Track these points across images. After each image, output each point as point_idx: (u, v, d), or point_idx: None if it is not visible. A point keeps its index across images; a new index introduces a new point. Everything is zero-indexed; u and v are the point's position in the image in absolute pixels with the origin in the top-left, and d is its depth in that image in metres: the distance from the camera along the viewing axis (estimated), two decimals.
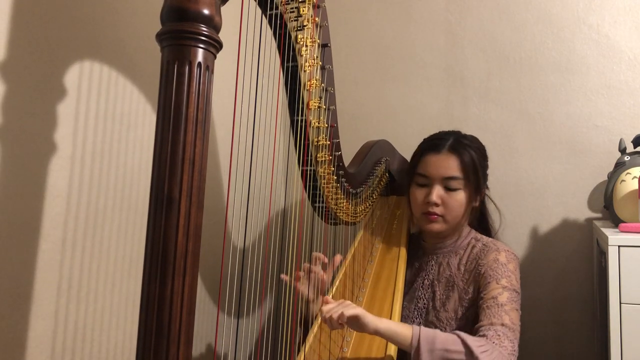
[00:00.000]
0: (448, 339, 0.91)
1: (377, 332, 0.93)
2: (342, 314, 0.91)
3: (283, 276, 1.15)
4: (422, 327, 0.93)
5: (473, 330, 1.00)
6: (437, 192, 1.15)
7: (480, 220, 1.28)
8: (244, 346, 1.54)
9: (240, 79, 0.78)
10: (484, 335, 0.95)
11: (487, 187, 1.26)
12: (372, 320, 0.92)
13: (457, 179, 1.15)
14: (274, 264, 1.44)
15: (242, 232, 1.39)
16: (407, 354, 0.93)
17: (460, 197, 1.15)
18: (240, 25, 0.75)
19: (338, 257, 1.19)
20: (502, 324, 0.96)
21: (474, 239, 1.20)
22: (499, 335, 0.94)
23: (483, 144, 1.24)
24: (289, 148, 1.10)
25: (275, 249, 1.33)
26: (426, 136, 1.26)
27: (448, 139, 1.18)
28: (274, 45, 0.93)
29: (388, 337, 0.94)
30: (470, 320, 1.06)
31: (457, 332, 0.93)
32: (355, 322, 0.93)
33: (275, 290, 1.64)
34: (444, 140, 1.18)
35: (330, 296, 1.12)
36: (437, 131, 1.27)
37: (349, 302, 0.95)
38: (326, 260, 1.16)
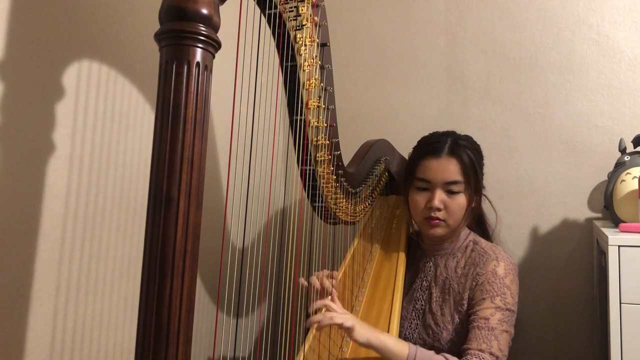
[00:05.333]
0: None
1: (370, 346, 0.93)
2: (332, 318, 0.92)
3: (302, 280, 1.13)
4: (419, 349, 0.95)
5: (461, 350, 1.01)
6: (439, 197, 1.14)
7: (478, 221, 1.28)
8: (243, 346, 1.54)
9: (239, 79, 0.78)
10: None
11: (484, 187, 1.26)
12: (366, 334, 0.93)
13: (459, 182, 1.13)
14: (273, 264, 1.44)
15: (241, 231, 1.39)
16: None
17: (461, 200, 1.14)
18: (239, 24, 0.75)
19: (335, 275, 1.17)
20: (491, 353, 0.97)
21: (472, 242, 1.19)
22: None
23: (482, 143, 1.24)
24: (288, 147, 1.10)
25: (274, 249, 1.33)
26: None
27: (446, 141, 1.16)
28: (273, 44, 0.93)
29: (381, 353, 0.94)
30: (466, 326, 1.07)
31: (449, 358, 0.95)
32: (346, 332, 0.94)
33: (275, 289, 1.64)
34: (442, 143, 1.16)
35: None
36: (435, 131, 1.26)
37: (352, 318, 0.95)
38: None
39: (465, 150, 1.15)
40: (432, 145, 1.18)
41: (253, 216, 1.49)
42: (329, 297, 1.03)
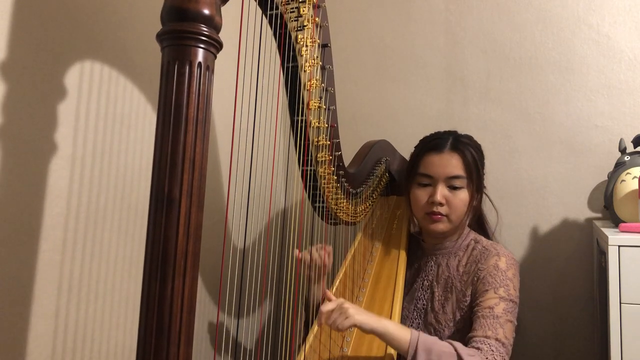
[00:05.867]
0: (444, 351, 0.91)
1: (373, 332, 0.94)
2: (338, 328, 0.92)
3: (297, 253, 1.13)
4: (421, 334, 0.94)
5: (466, 338, 1.00)
6: (441, 192, 1.15)
7: (478, 222, 1.28)
8: (244, 346, 1.54)
9: (240, 79, 0.78)
10: (478, 349, 0.95)
11: (485, 187, 1.26)
12: (369, 321, 0.93)
13: (461, 177, 1.15)
14: (274, 264, 1.44)
15: (242, 232, 1.39)
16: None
17: (463, 195, 1.15)
18: (240, 25, 0.75)
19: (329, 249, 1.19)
20: (497, 339, 0.97)
21: (473, 241, 1.20)
22: (492, 350, 0.95)
23: (482, 143, 1.24)
24: (289, 148, 1.10)
25: (275, 249, 1.33)
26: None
27: (448, 138, 1.18)
28: (274, 45, 0.93)
29: (384, 339, 0.94)
30: (468, 323, 1.06)
31: (453, 343, 0.94)
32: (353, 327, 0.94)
33: (275, 290, 1.64)
34: (444, 140, 1.18)
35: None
36: (437, 130, 1.27)
37: (347, 305, 0.94)
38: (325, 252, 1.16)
39: (468, 147, 1.17)
40: (434, 141, 1.20)
41: (254, 216, 1.49)
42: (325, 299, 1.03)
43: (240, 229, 1.41)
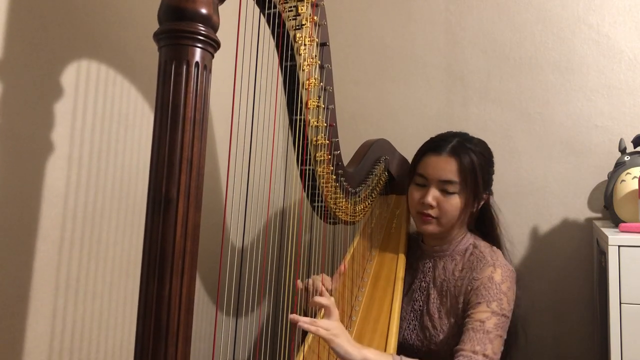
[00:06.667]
0: None
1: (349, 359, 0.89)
2: (317, 330, 0.89)
3: (298, 282, 1.11)
4: (403, 358, 0.93)
5: (454, 351, 1.00)
6: (433, 194, 1.14)
7: (481, 227, 1.26)
8: (242, 346, 1.54)
9: (238, 79, 0.78)
10: None
11: (492, 193, 1.25)
12: (352, 352, 0.89)
13: (454, 183, 1.13)
14: (272, 264, 1.44)
15: (240, 232, 1.39)
16: None
17: (455, 201, 1.13)
18: (238, 24, 0.75)
19: (342, 267, 1.18)
20: (484, 355, 0.96)
21: (472, 245, 1.19)
22: None
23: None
24: (288, 147, 1.10)
25: (274, 249, 1.33)
26: (425, 136, 1.25)
27: (451, 141, 1.16)
28: (272, 44, 0.93)
29: None
30: (462, 329, 1.06)
31: None
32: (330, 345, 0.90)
33: (274, 290, 1.64)
34: (447, 142, 1.16)
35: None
36: (437, 130, 1.26)
37: (340, 330, 0.92)
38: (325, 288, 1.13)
39: (469, 153, 1.14)
40: (436, 142, 1.18)
41: (252, 216, 1.49)
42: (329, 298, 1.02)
43: (238, 228, 1.40)
